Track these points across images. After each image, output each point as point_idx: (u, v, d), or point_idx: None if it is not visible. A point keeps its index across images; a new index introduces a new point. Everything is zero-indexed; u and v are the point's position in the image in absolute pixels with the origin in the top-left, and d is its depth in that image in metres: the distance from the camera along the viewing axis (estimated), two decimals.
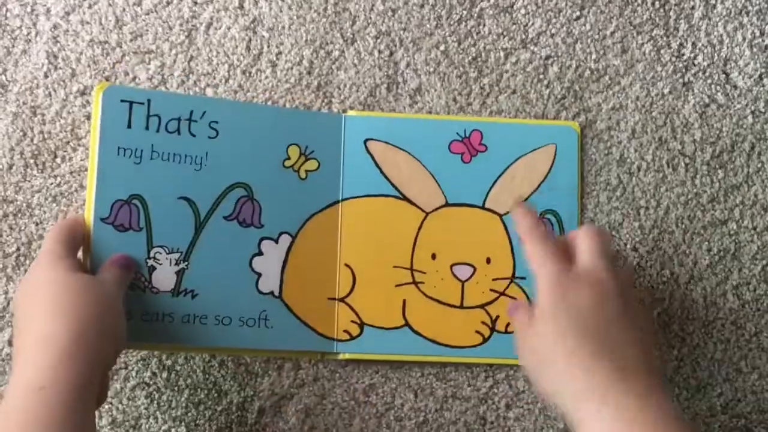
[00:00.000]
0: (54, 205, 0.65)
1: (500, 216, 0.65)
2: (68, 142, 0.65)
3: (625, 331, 0.53)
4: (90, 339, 0.52)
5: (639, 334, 0.53)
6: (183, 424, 0.64)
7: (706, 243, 0.67)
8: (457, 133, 0.66)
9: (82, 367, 0.51)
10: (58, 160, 0.65)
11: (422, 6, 0.69)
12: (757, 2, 0.70)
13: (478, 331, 0.64)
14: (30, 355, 0.51)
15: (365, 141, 0.65)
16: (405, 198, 0.65)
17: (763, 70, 0.69)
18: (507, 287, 0.64)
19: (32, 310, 0.54)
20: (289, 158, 0.64)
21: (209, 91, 0.66)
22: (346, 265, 0.64)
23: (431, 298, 0.64)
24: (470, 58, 0.69)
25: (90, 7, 0.67)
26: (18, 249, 0.64)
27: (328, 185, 0.65)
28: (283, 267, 0.64)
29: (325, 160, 0.65)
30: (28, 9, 0.67)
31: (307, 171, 0.64)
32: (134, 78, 0.66)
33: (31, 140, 0.65)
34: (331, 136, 0.65)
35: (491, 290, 0.64)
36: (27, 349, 0.51)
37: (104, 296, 0.56)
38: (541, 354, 0.53)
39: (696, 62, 0.69)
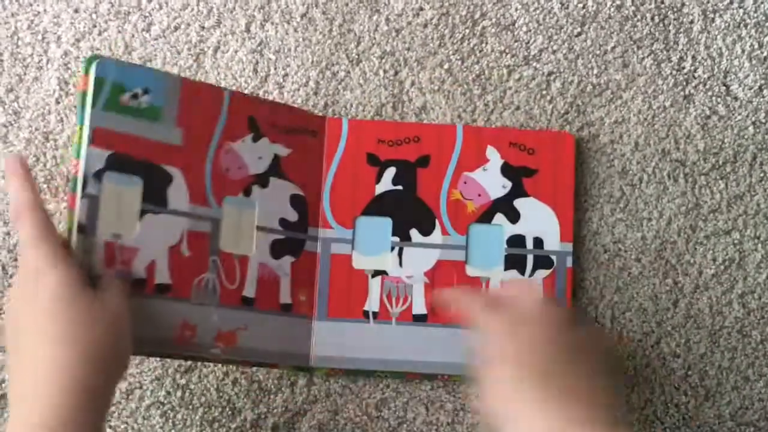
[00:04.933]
0: None
1: None
2: None
3: (583, 365, 0.50)
4: (104, 368, 0.47)
5: (594, 367, 0.50)
6: None
7: (711, 252, 0.67)
8: None
9: (94, 398, 0.46)
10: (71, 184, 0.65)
11: (425, 26, 0.69)
12: (755, 15, 0.69)
13: None
14: (37, 388, 0.45)
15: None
16: None
17: (762, 82, 0.68)
18: None
19: (37, 334, 0.47)
20: None
21: None
22: None
23: None
24: (474, 75, 0.68)
25: (100, 33, 0.67)
26: None
27: None
28: None
29: None
30: (39, 37, 0.66)
31: None
32: None
33: (44, 165, 0.65)
34: None
35: None
36: (32, 380, 0.46)
37: (116, 319, 0.50)
38: (502, 401, 0.49)
39: (696, 75, 0.68)
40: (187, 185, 0.58)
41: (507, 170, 0.64)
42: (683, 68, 0.68)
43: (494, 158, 0.65)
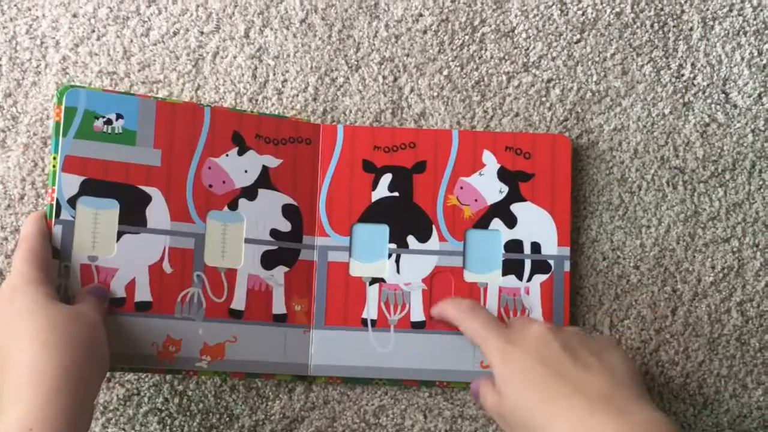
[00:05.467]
0: None
1: None
2: None
3: (579, 363, 0.52)
4: (79, 372, 0.49)
5: (597, 361, 0.52)
6: None
7: (710, 260, 0.67)
8: None
9: (72, 403, 0.47)
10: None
11: (425, 32, 0.68)
12: (755, 22, 0.69)
13: None
14: (16, 393, 0.47)
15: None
16: None
17: (762, 89, 0.68)
18: None
19: (15, 342, 0.49)
20: None
21: None
22: None
23: None
24: (473, 82, 0.68)
25: (98, 38, 0.66)
26: None
27: None
28: None
29: None
30: (38, 42, 0.66)
31: None
32: None
33: (42, 170, 0.64)
34: None
35: None
36: (13, 386, 0.47)
37: (90, 326, 0.52)
38: (518, 421, 0.52)
39: (696, 82, 0.68)
40: (167, 204, 0.59)
41: (503, 174, 0.64)
42: (682, 75, 0.68)
43: (490, 163, 0.64)
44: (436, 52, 0.67)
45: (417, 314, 0.62)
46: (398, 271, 0.63)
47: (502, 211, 0.64)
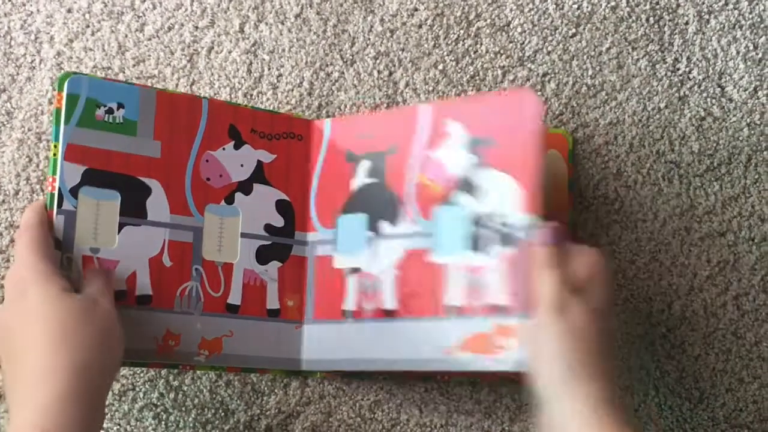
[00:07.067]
0: None
1: None
2: None
3: (607, 360, 0.51)
4: (94, 370, 0.48)
5: (612, 364, 0.53)
6: None
7: (705, 254, 0.67)
8: None
9: (86, 402, 0.47)
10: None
11: (420, 26, 0.68)
12: (750, 16, 0.69)
13: None
14: (29, 393, 0.46)
15: None
16: None
17: (757, 83, 0.68)
18: None
19: (27, 339, 0.48)
20: None
21: None
22: None
23: None
24: (468, 76, 0.67)
25: (93, 34, 0.66)
26: None
27: None
28: None
29: None
30: (32, 37, 0.66)
31: None
32: None
33: (37, 166, 0.64)
34: None
35: None
36: (26, 385, 0.47)
37: (105, 320, 0.51)
38: (539, 358, 0.51)
39: (691, 76, 0.68)
40: (167, 196, 0.58)
41: (468, 143, 0.59)
42: (678, 69, 0.68)
43: (455, 132, 0.59)
44: (431, 46, 0.67)
45: (389, 302, 0.59)
46: (374, 259, 0.61)
47: (468, 183, 0.58)
